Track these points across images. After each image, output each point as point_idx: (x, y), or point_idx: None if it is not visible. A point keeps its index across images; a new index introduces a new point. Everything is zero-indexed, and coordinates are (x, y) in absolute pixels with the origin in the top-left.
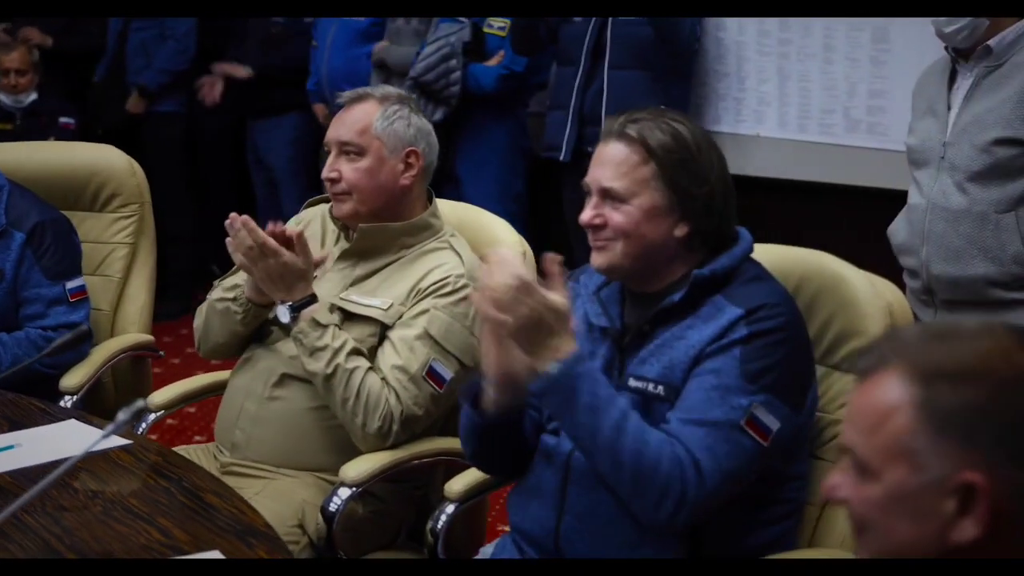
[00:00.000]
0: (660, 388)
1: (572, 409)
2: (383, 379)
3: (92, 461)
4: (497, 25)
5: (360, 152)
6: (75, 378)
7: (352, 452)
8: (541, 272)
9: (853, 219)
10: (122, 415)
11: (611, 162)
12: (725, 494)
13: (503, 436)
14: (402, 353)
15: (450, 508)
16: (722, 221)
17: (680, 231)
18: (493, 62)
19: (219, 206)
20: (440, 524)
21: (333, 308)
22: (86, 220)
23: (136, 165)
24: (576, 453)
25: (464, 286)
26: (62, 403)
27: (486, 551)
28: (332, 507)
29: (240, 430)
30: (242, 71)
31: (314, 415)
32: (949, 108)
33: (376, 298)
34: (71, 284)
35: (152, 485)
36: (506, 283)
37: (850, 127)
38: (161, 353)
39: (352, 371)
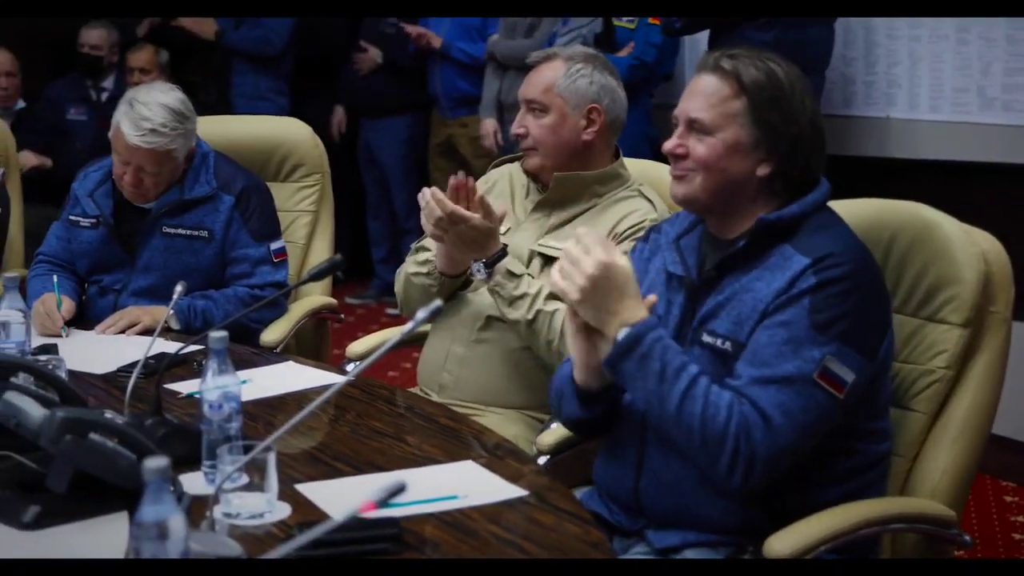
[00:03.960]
0: (728, 344)
1: (643, 376)
2: None
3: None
4: (626, 18)
5: (544, 109)
6: (275, 333)
7: None
8: None
9: (990, 195)
10: (421, 313)
11: (702, 93)
12: (800, 449)
13: (600, 399)
14: None
15: None
16: (807, 166)
17: (763, 170)
18: (623, 53)
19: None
20: None
21: (533, 255)
22: (271, 189)
23: (318, 138)
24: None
25: None
26: None
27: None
28: (548, 441)
29: (448, 372)
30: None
31: (520, 355)
32: None
33: None
34: (274, 245)
35: (388, 411)
36: (565, 247)
37: (984, 105)
38: (343, 316)
39: (553, 314)
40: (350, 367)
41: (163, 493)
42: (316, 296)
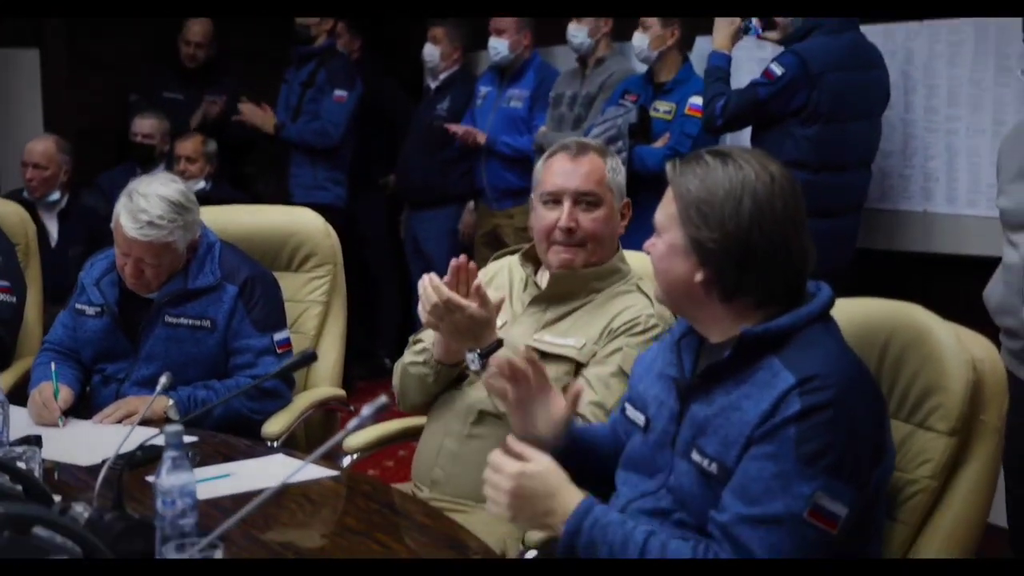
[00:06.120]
0: (714, 466)
1: (596, 556)
2: (580, 415)
3: (307, 488)
4: (663, 109)
5: (597, 202)
6: (277, 425)
7: None
8: None
9: None
10: (366, 409)
11: (664, 196)
12: None
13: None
14: (598, 390)
15: None
16: (762, 276)
17: (699, 276)
18: (659, 144)
19: (383, 297)
20: None
21: (528, 350)
22: (282, 279)
23: (330, 227)
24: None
25: (655, 325)
26: None
27: None
28: (535, 538)
29: (440, 467)
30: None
31: None
32: None
33: (569, 338)
34: (278, 336)
35: (364, 507)
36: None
37: None
38: (351, 408)
39: None
40: (346, 460)
41: None
42: (323, 387)
